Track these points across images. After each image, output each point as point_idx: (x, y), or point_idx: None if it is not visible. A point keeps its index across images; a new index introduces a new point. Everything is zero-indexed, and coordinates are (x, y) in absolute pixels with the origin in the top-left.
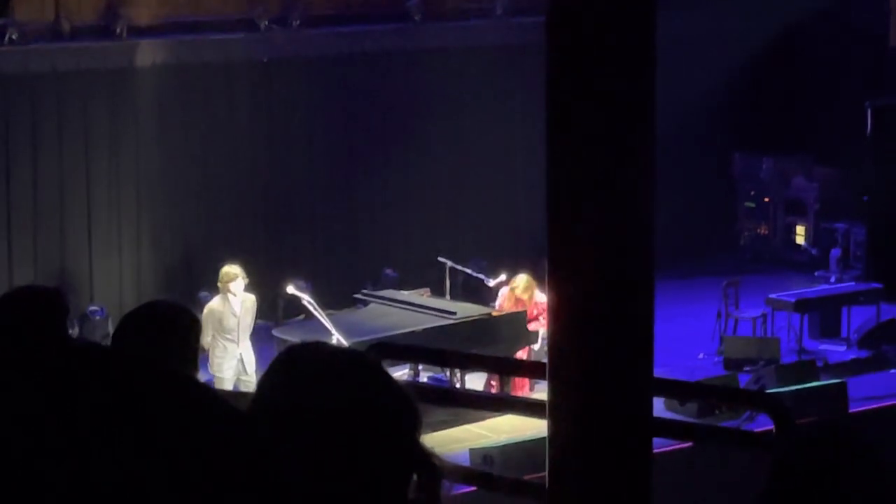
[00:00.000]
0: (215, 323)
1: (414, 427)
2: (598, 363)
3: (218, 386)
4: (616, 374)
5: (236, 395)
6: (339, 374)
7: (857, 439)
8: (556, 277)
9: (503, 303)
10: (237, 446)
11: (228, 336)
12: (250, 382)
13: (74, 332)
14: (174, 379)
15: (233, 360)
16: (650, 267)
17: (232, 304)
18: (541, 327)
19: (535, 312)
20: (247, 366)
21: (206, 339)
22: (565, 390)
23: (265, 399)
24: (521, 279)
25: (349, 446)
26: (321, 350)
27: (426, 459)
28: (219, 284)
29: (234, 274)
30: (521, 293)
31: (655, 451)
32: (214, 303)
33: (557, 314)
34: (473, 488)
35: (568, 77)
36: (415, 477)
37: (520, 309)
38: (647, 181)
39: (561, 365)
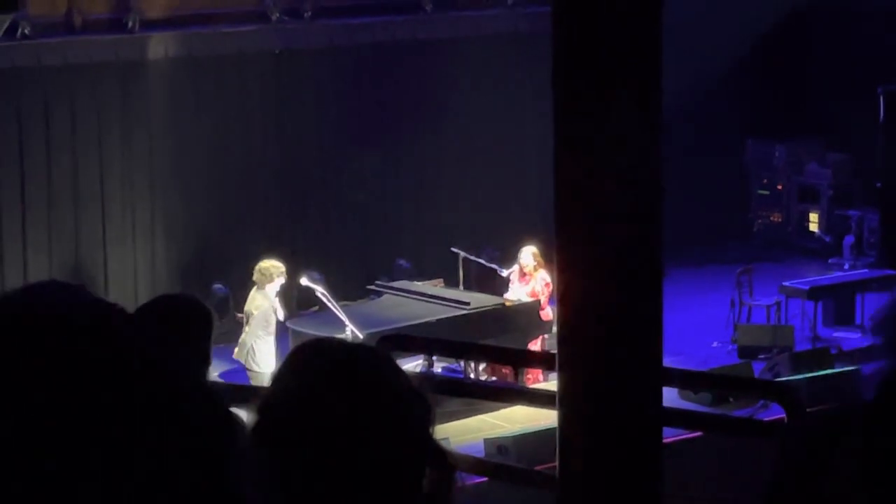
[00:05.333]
0: (263, 321)
1: (426, 421)
2: (606, 354)
3: (261, 381)
4: (625, 364)
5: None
6: (350, 370)
7: (866, 427)
8: (563, 268)
9: (513, 279)
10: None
11: (270, 330)
12: None
13: None
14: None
15: (273, 354)
16: (657, 257)
17: (271, 298)
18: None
19: (531, 287)
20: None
21: (253, 336)
22: (574, 381)
23: (278, 394)
24: (526, 249)
25: (362, 441)
26: (333, 346)
27: (439, 453)
28: (259, 280)
29: (279, 268)
30: (523, 262)
31: (667, 439)
32: (260, 300)
33: (566, 305)
34: (486, 479)
35: (574, 64)
36: (428, 470)
37: (526, 281)
38: (652, 170)
39: (570, 355)
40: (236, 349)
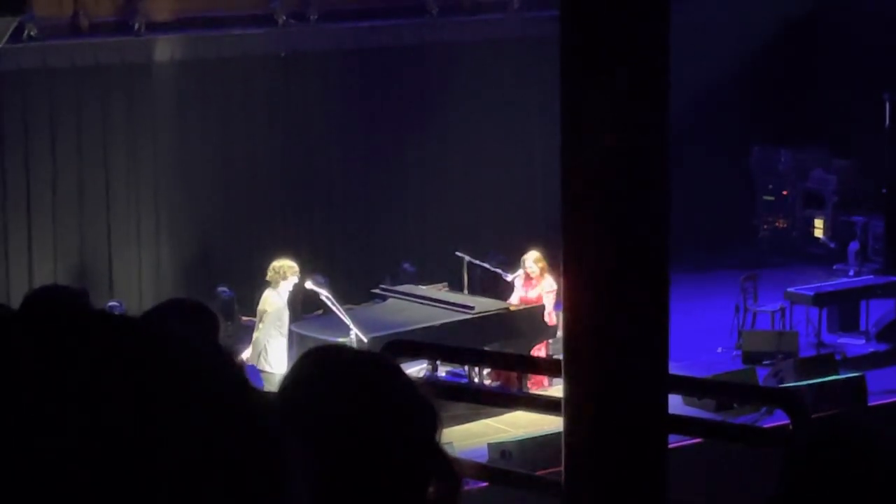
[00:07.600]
0: (276, 319)
1: (432, 429)
2: (612, 360)
3: (274, 382)
4: (631, 370)
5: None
6: (358, 377)
7: (872, 433)
8: (569, 273)
9: (517, 283)
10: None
11: (283, 330)
12: None
13: None
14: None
15: (285, 354)
16: (664, 263)
17: (284, 297)
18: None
19: (537, 293)
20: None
21: (266, 336)
22: (580, 387)
23: (286, 401)
24: (530, 255)
25: (367, 448)
26: (341, 353)
27: (444, 460)
28: (273, 279)
29: (293, 267)
30: (529, 268)
31: (671, 445)
32: (274, 298)
33: (571, 310)
34: (489, 484)
35: (581, 69)
36: (434, 477)
37: (531, 286)
38: (660, 175)
39: (576, 361)
40: (248, 350)
